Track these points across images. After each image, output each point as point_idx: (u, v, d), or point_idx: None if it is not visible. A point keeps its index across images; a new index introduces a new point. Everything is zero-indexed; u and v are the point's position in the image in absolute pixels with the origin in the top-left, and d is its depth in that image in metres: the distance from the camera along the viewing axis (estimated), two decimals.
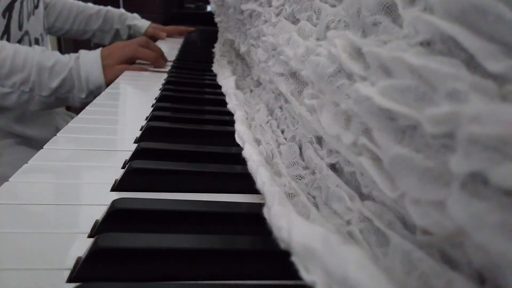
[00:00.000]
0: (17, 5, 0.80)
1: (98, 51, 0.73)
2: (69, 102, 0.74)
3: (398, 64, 0.16)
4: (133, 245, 0.22)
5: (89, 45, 1.76)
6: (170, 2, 2.02)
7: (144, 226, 0.26)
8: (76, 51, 0.75)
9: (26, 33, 0.85)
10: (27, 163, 0.34)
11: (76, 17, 1.14)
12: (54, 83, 0.69)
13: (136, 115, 0.50)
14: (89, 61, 0.71)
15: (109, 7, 1.21)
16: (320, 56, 0.25)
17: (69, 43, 1.86)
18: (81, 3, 1.17)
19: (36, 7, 0.90)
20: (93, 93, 0.73)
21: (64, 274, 0.22)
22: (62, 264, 0.22)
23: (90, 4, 1.18)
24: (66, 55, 0.72)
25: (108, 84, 0.71)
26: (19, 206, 0.28)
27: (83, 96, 0.71)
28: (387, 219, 0.19)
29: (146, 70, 0.76)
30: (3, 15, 0.77)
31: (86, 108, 0.51)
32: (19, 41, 0.82)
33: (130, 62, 0.76)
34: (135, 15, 1.26)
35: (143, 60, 0.77)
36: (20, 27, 0.82)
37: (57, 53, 0.72)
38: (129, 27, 1.22)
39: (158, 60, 0.77)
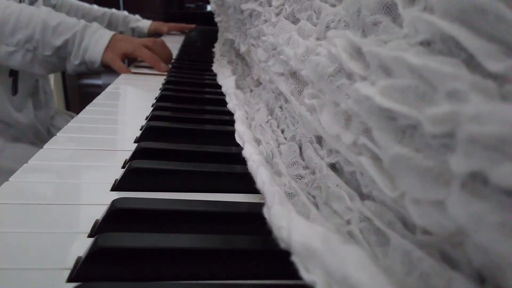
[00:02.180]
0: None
1: (111, 33, 0.74)
2: (67, 65, 0.74)
3: (398, 64, 0.16)
4: (133, 245, 0.22)
5: None
6: (170, 2, 2.02)
7: (144, 226, 0.26)
8: None
9: None
10: (27, 162, 0.34)
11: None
12: (57, 42, 0.70)
13: (136, 115, 0.50)
14: (98, 35, 0.72)
15: (113, 10, 1.22)
16: (320, 55, 0.25)
17: None
18: (86, 5, 1.19)
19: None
20: (86, 65, 0.73)
21: (64, 274, 0.22)
22: (62, 264, 0.22)
23: (95, 6, 1.20)
24: (74, 18, 0.73)
25: (102, 64, 0.73)
26: (19, 206, 0.28)
27: (76, 62, 0.72)
28: (387, 218, 0.19)
29: (130, 72, 0.76)
30: None
31: (86, 107, 0.51)
32: None
33: (131, 58, 0.77)
34: (137, 16, 1.28)
35: (141, 59, 0.77)
36: None
37: (64, 15, 0.73)
38: (132, 29, 1.23)
39: (156, 63, 0.77)
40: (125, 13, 1.25)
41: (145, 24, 1.27)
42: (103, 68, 0.76)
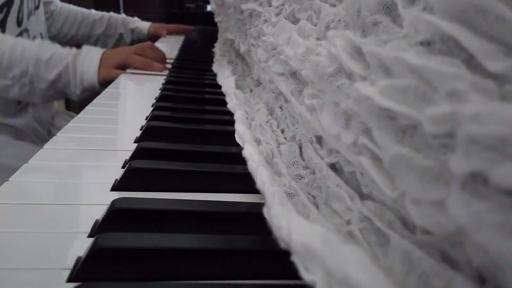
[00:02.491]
0: (17, 1, 0.81)
1: (100, 51, 0.74)
2: (68, 95, 0.75)
3: (398, 64, 0.16)
4: (133, 245, 0.22)
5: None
6: (170, 2, 2.02)
7: (144, 225, 0.26)
8: (76, 47, 0.75)
9: (26, 30, 0.87)
10: (29, 159, 0.34)
11: (81, 23, 1.17)
12: (51, 76, 0.70)
13: (136, 115, 0.50)
14: (88, 59, 0.72)
15: (112, 13, 1.23)
16: (320, 55, 0.25)
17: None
18: (84, 9, 1.20)
19: (37, 8, 0.91)
20: (88, 91, 0.74)
21: (64, 274, 0.22)
22: (62, 264, 0.22)
23: (93, 11, 1.21)
24: (67, 48, 0.73)
25: (100, 84, 0.72)
26: (19, 206, 0.28)
27: (78, 92, 0.72)
28: (387, 218, 0.19)
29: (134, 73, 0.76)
30: (0, 9, 0.77)
31: (86, 107, 0.51)
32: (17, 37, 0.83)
33: (125, 68, 0.77)
34: (136, 18, 1.28)
35: (134, 67, 0.77)
36: (19, 23, 0.83)
37: (57, 46, 0.73)
38: (132, 30, 1.24)
39: (149, 66, 0.77)
40: (124, 15, 1.26)
41: (144, 25, 1.27)
42: (105, 86, 0.76)
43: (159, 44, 1.16)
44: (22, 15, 0.84)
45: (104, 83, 0.74)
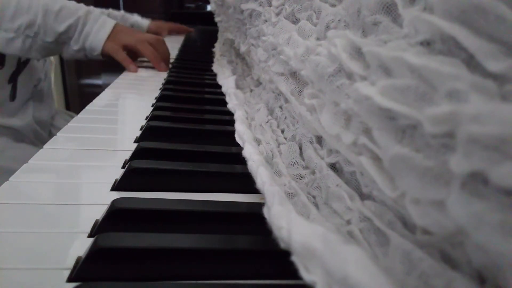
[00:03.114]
0: None
1: (113, 22, 0.73)
2: (64, 49, 0.73)
3: (398, 64, 0.16)
4: (133, 245, 0.22)
5: None
6: (170, 2, 2.02)
7: (144, 225, 0.26)
8: None
9: None
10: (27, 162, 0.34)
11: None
12: (61, 28, 0.68)
13: (136, 115, 0.50)
14: (100, 23, 0.70)
15: (111, 10, 1.23)
16: (320, 55, 0.25)
17: None
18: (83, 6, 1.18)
19: None
20: (85, 51, 0.72)
21: (64, 274, 0.22)
22: (62, 264, 0.22)
23: (91, 7, 1.20)
24: (75, 3, 0.71)
25: (102, 54, 0.71)
26: (19, 206, 0.28)
27: (75, 48, 0.71)
28: (387, 218, 0.19)
29: (133, 64, 0.75)
30: None
31: (86, 107, 0.51)
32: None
33: (133, 52, 0.76)
34: (135, 15, 1.27)
35: (144, 55, 0.77)
36: None
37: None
38: (131, 26, 1.23)
39: (158, 62, 0.76)
40: (123, 12, 1.25)
41: (144, 22, 1.27)
42: (102, 57, 0.74)
43: None
44: None
45: (105, 55, 0.72)
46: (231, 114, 0.47)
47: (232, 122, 0.43)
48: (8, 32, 0.66)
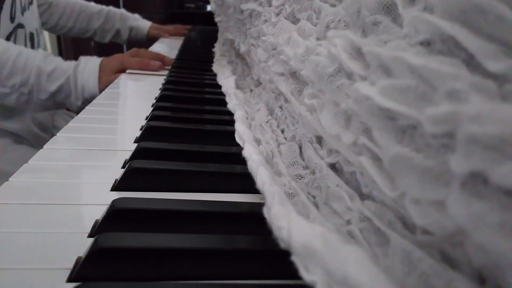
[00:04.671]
0: None
1: (98, 60, 0.75)
2: (66, 107, 0.76)
3: (398, 64, 0.16)
4: (133, 245, 0.22)
5: (89, 44, 1.76)
6: (170, 2, 2.02)
7: (144, 225, 0.26)
8: (75, 49, 0.75)
9: (21, 26, 0.86)
10: (27, 162, 0.34)
11: (78, 15, 1.16)
12: (52, 88, 0.70)
13: (136, 115, 0.50)
14: (87, 70, 0.73)
15: (111, 7, 1.22)
16: (320, 55, 0.25)
17: (68, 41, 1.87)
18: (83, 2, 1.18)
19: (30, 3, 0.91)
20: (89, 101, 0.74)
21: (64, 274, 0.22)
22: (62, 264, 0.22)
23: (92, 3, 1.20)
24: (68, 62, 0.74)
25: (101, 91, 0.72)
26: (19, 206, 0.28)
27: (79, 103, 0.73)
28: (387, 218, 0.19)
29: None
30: None
31: (86, 108, 0.51)
32: (11, 34, 0.83)
33: (124, 71, 0.78)
34: (136, 15, 1.27)
35: (133, 69, 0.78)
36: (12, 19, 0.83)
37: (59, 60, 0.73)
38: (131, 28, 1.23)
39: (147, 65, 0.77)
40: (123, 10, 1.25)
41: (145, 24, 1.26)
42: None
43: (159, 44, 1.16)
44: (15, 11, 0.83)
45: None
46: (231, 114, 0.47)
47: (232, 122, 0.43)
48: (4, 87, 0.70)
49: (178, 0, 2.07)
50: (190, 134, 0.42)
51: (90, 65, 0.74)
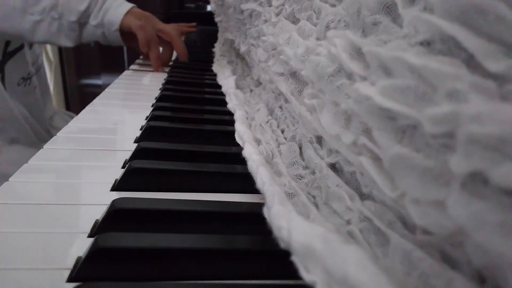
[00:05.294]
0: None
1: (132, 4, 0.74)
2: (83, 31, 0.74)
3: (398, 64, 0.16)
4: (133, 245, 0.22)
5: (88, 43, 1.75)
6: (170, 2, 2.02)
7: (144, 225, 0.26)
8: (75, 47, 0.75)
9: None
10: (27, 162, 0.34)
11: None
12: (82, 6, 0.70)
13: (136, 115, 0.50)
14: (119, 1, 0.73)
15: None
16: (320, 55, 0.25)
17: None
18: None
19: None
20: (103, 27, 0.73)
21: (64, 274, 0.22)
22: (62, 264, 0.22)
23: None
24: None
25: (121, 28, 0.72)
26: (19, 206, 0.28)
27: (94, 23, 0.72)
28: (387, 218, 0.19)
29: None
30: None
31: (86, 108, 0.51)
32: None
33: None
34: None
35: (142, 50, 0.77)
36: None
37: None
38: None
39: (154, 64, 0.77)
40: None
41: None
42: (121, 35, 0.74)
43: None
44: None
45: (124, 30, 0.73)
46: (231, 114, 0.47)
47: (232, 122, 0.43)
48: (34, 15, 0.68)
49: (178, 0, 2.07)
50: (190, 134, 0.42)
51: (124, 1, 0.73)
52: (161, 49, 0.81)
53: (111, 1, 0.72)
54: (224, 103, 0.52)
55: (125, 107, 0.56)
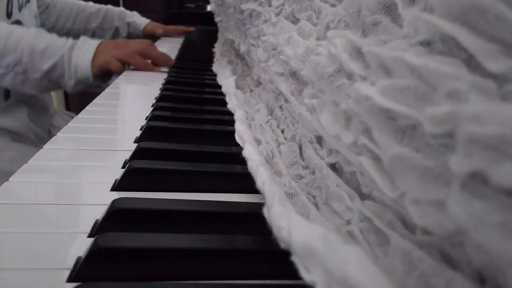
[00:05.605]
0: None
1: (96, 43, 0.73)
2: (61, 87, 0.74)
3: (398, 64, 0.16)
4: (133, 245, 0.22)
5: None
6: (170, 2, 2.02)
7: (144, 225, 0.26)
8: None
9: (19, 22, 0.86)
10: (26, 162, 0.34)
11: (76, 16, 1.15)
12: (45, 66, 0.69)
13: (136, 115, 0.50)
14: (83, 50, 0.72)
15: (109, 6, 1.21)
16: (320, 55, 0.25)
17: None
18: (81, 2, 1.17)
19: (28, 1, 0.90)
20: (81, 83, 0.73)
21: (64, 274, 0.22)
22: (62, 264, 0.22)
23: (90, 3, 1.19)
24: (63, 39, 0.73)
25: (95, 75, 0.71)
26: (19, 206, 0.28)
27: (72, 83, 0.72)
28: (387, 218, 0.19)
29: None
30: None
31: (86, 108, 0.51)
32: None
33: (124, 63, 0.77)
34: (135, 12, 1.26)
35: (135, 67, 0.77)
36: (9, 15, 0.82)
37: (53, 36, 0.72)
38: (128, 24, 1.22)
39: (151, 69, 0.78)
40: (122, 9, 1.24)
41: (142, 21, 1.25)
42: (99, 80, 0.74)
43: (158, 45, 1.16)
44: (11, 7, 0.83)
45: (100, 73, 0.72)
46: (231, 114, 0.47)
47: (232, 122, 0.43)
48: (0, 68, 0.69)
49: (178, 0, 2.07)
50: (190, 134, 0.42)
51: (87, 44, 0.72)
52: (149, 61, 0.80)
53: (76, 53, 0.71)
54: (224, 103, 0.52)
55: (125, 107, 0.56)
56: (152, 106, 0.54)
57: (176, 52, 1.02)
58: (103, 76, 0.74)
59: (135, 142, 0.41)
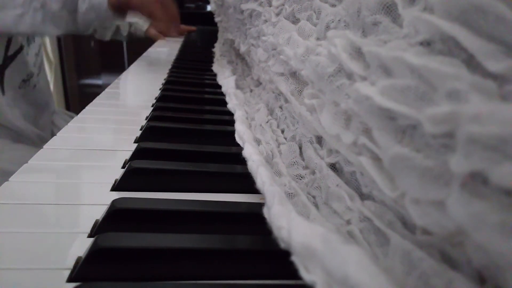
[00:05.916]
0: None
1: None
2: (78, 18, 0.71)
3: (398, 64, 0.16)
4: (133, 245, 0.22)
5: (89, 42, 1.76)
6: None
7: (144, 225, 0.26)
8: (76, 47, 0.74)
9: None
10: (27, 162, 0.34)
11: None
12: None
13: (136, 115, 0.50)
14: None
15: None
16: (320, 55, 0.25)
17: (68, 39, 1.87)
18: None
19: None
20: (95, 10, 0.70)
21: (64, 274, 0.22)
22: (62, 264, 0.22)
23: None
24: None
25: (111, 4, 0.69)
26: (19, 206, 0.28)
27: (84, 7, 0.69)
28: (387, 218, 0.19)
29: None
30: None
31: (86, 107, 0.51)
32: None
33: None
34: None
35: (153, 17, 0.74)
36: None
37: None
38: (130, 24, 1.22)
39: (168, 25, 0.75)
40: None
41: (144, 22, 1.25)
42: (113, 13, 0.71)
43: (159, 44, 1.16)
44: None
45: (117, 3, 0.70)
46: (231, 114, 0.47)
47: (232, 122, 0.43)
48: (16, 8, 0.65)
49: (178, 0, 2.07)
50: (190, 134, 0.42)
51: None
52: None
53: None
54: (224, 103, 0.52)
55: (125, 107, 0.56)
56: (152, 106, 0.54)
57: (176, 52, 1.02)
58: (119, 10, 0.71)
59: (135, 142, 0.41)
